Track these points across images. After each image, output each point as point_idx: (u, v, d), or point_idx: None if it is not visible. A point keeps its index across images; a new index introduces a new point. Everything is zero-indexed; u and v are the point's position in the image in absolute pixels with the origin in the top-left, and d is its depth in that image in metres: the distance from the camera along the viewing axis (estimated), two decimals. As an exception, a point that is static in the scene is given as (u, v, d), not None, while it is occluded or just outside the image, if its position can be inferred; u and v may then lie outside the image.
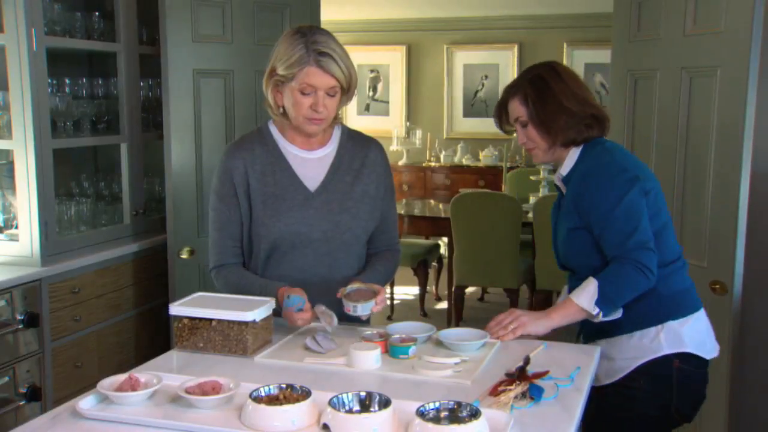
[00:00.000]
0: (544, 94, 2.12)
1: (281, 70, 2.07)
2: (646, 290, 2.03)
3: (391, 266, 2.29)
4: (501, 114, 2.25)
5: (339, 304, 2.05)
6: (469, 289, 5.88)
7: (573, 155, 2.16)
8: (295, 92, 2.08)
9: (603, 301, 2.00)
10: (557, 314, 2.06)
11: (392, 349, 1.91)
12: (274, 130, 2.24)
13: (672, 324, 2.09)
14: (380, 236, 2.30)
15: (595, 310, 2.01)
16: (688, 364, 2.11)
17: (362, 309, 2.01)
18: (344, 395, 1.51)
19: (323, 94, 2.08)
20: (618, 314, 2.06)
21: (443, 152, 8.00)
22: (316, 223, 2.15)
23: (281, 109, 2.16)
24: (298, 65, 2.04)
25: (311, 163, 2.21)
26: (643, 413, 2.11)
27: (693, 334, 2.12)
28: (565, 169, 2.17)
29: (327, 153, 2.24)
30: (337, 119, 2.23)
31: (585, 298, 2.02)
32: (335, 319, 2.02)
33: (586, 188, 2.08)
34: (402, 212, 5.69)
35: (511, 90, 2.20)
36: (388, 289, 5.94)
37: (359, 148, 2.26)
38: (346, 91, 2.13)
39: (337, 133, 2.27)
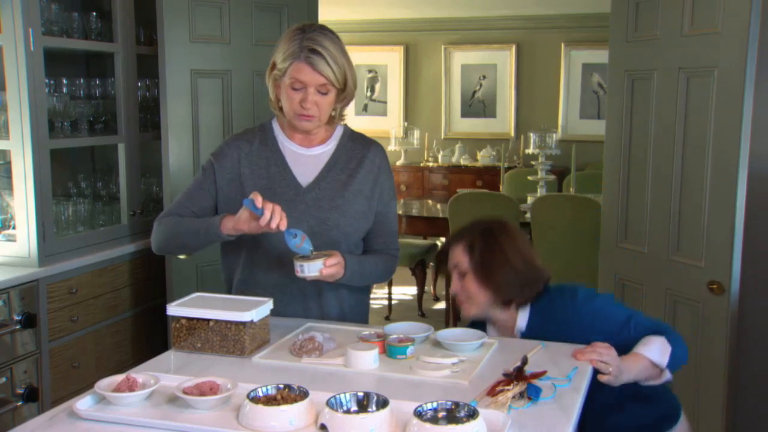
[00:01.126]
0: (492, 245, 2.10)
1: (278, 64, 2.11)
2: None
3: (382, 265, 2.26)
4: (441, 258, 2.22)
5: (325, 303, 2.05)
6: (467, 290, 5.87)
7: (524, 312, 2.12)
8: (286, 87, 2.10)
9: (672, 356, 1.97)
10: (635, 366, 1.94)
11: (390, 350, 1.91)
12: (275, 126, 2.26)
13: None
14: (377, 239, 2.28)
15: (666, 366, 1.97)
16: None
17: (308, 269, 1.99)
18: (342, 395, 1.51)
19: (313, 90, 2.08)
20: (668, 375, 2.03)
21: (441, 152, 8.01)
22: (303, 218, 2.14)
23: (280, 104, 2.17)
24: (290, 60, 2.07)
25: (307, 160, 2.22)
26: None
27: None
28: (521, 325, 2.12)
29: (325, 151, 2.24)
30: (335, 119, 2.23)
31: (655, 352, 1.96)
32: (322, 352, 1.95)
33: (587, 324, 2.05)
34: (400, 212, 5.69)
35: (458, 236, 2.18)
36: (385, 289, 5.96)
37: (359, 149, 2.26)
38: (341, 90, 2.14)
39: (338, 133, 2.27)
